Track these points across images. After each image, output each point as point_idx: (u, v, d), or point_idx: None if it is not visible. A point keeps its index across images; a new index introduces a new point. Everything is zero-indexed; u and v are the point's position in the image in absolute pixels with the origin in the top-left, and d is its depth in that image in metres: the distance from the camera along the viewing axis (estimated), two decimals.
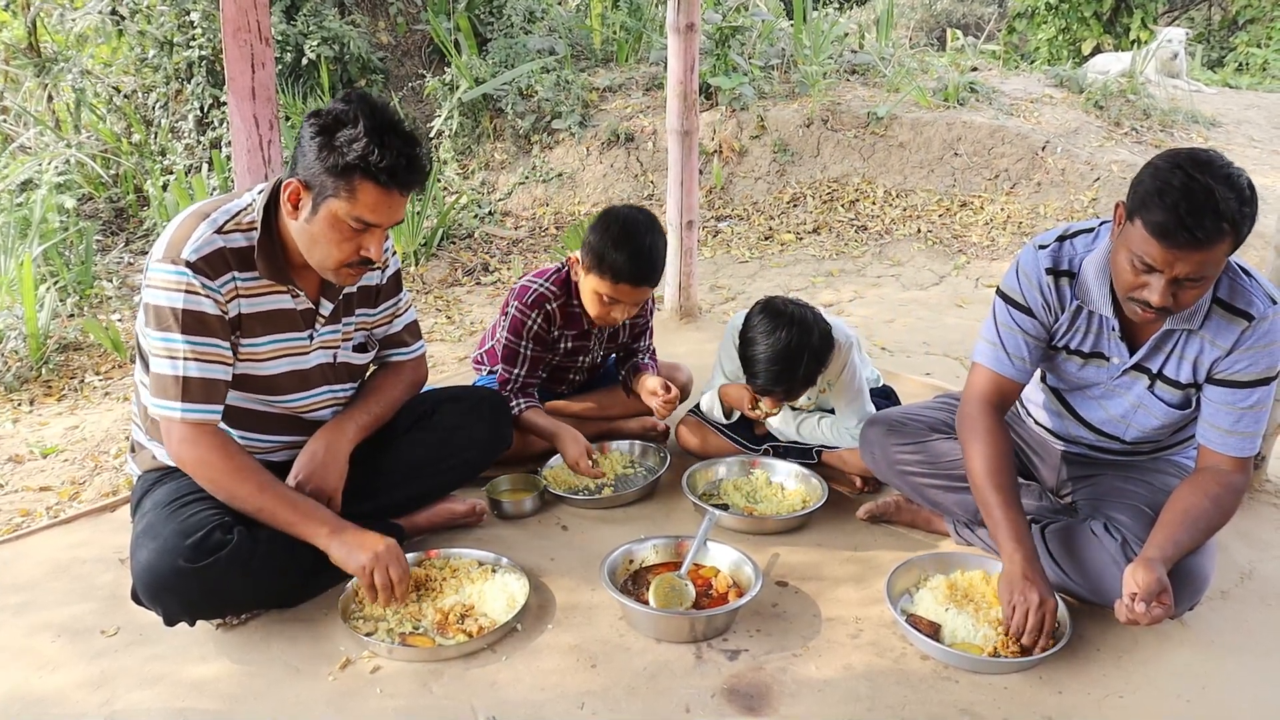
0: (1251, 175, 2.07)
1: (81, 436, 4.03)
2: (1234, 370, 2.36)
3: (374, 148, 2.20)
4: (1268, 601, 2.65)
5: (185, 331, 2.30)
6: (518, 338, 3.22)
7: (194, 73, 7.59)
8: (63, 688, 2.29)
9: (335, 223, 2.28)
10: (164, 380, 2.33)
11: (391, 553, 2.43)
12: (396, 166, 2.23)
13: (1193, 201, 2.04)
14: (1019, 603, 2.34)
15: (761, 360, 2.91)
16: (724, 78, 7.84)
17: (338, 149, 2.21)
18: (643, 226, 3.03)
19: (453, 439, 2.88)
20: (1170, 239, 2.07)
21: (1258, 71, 12.73)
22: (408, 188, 2.31)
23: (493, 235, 7.07)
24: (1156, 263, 2.12)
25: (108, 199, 7.44)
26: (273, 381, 2.52)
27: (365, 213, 2.27)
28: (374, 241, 2.34)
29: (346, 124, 2.22)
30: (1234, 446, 2.40)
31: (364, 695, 2.26)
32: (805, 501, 3.10)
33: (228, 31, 3.01)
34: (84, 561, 2.82)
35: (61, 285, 5.59)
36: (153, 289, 2.31)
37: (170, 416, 2.34)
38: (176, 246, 2.30)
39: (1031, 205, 7.19)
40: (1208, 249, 2.07)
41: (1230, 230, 2.06)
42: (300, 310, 2.51)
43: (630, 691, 2.28)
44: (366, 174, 2.22)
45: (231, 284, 2.36)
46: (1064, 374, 2.63)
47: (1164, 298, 2.15)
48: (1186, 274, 2.11)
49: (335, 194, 2.25)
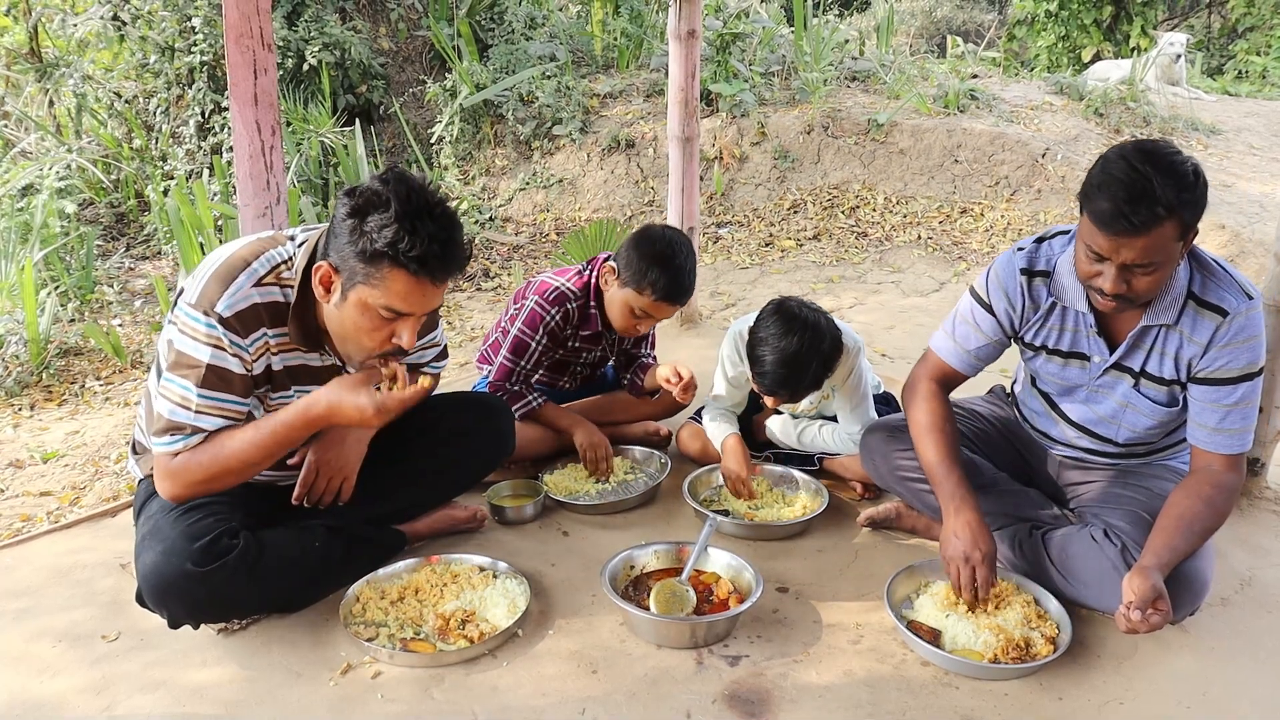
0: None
1: (82, 441, 4.03)
2: (1215, 367, 2.38)
3: (404, 234, 2.08)
4: (1268, 608, 2.65)
5: (203, 386, 2.23)
6: (532, 331, 3.24)
7: (195, 78, 7.60)
8: (63, 693, 2.29)
9: (365, 310, 2.19)
10: (172, 425, 2.27)
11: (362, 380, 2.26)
12: (428, 255, 2.11)
13: (1131, 191, 2.12)
14: (948, 560, 2.47)
15: (769, 363, 2.91)
16: (725, 84, 7.86)
17: (368, 234, 2.10)
18: (683, 248, 3.13)
19: (455, 446, 2.88)
20: (1110, 227, 2.15)
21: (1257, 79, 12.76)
22: (442, 276, 2.18)
23: (493, 241, 7.08)
24: (1104, 251, 2.21)
25: (109, 204, 7.45)
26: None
27: (396, 302, 2.16)
28: (407, 329, 2.23)
29: (378, 207, 2.11)
30: (1223, 444, 2.42)
31: (365, 700, 2.26)
32: (806, 508, 3.10)
33: (230, 37, 3.01)
34: (84, 566, 2.82)
35: (62, 290, 5.59)
36: (180, 334, 2.25)
37: (167, 452, 2.29)
38: (211, 297, 2.22)
39: (1032, 212, 7.19)
40: (1147, 235, 2.13)
41: (1169, 216, 2.12)
42: (326, 366, 2.47)
43: (631, 697, 2.28)
44: (396, 262, 2.10)
45: (263, 340, 2.30)
46: (1048, 376, 2.67)
47: (1116, 285, 2.23)
48: (1133, 260, 2.18)
49: (365, 281, 2.15)
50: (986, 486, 2.75)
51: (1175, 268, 2.28)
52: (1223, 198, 6.99)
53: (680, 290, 3.11)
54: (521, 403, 3.29)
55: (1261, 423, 3.10)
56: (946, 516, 2.52)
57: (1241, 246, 6.26)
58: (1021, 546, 2.63)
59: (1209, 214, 6.47)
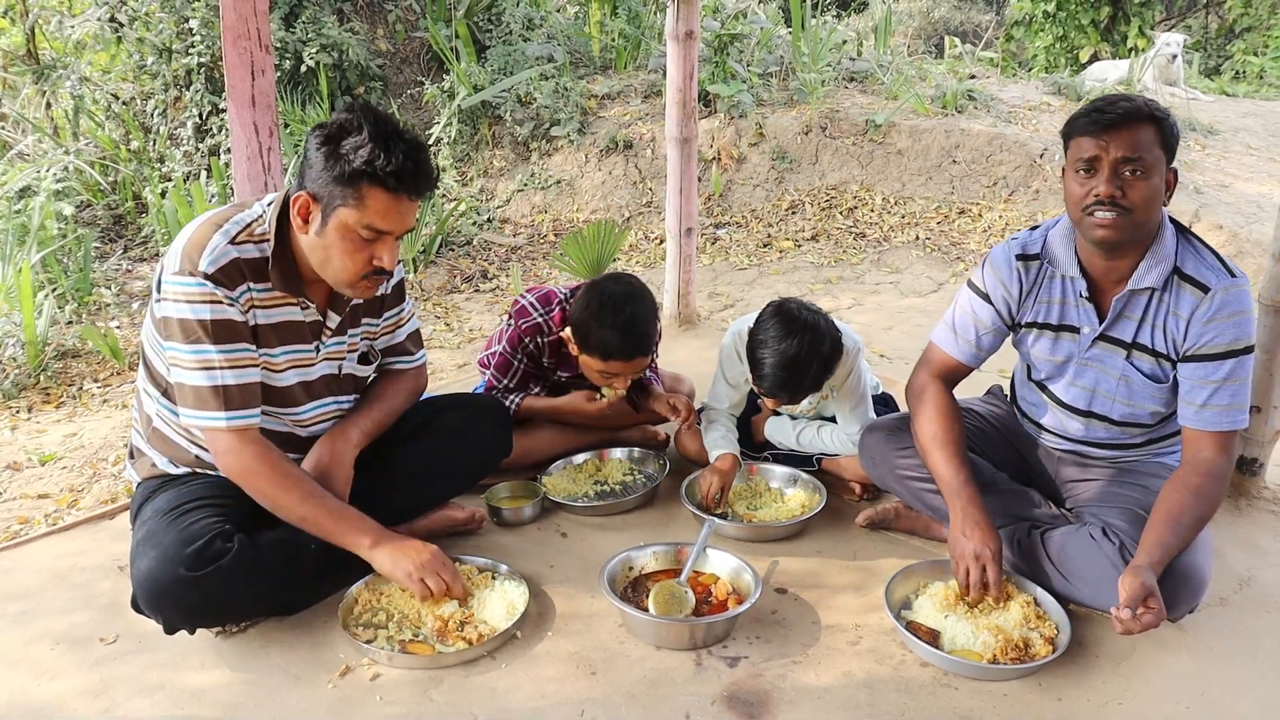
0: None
1: (80, 444, 4.03)
2: (1201, 344, 2.43)
3: (380, 153, 2.20)
4: (1266, 608, 2.65)
5: (217, 341, 2.30)
6: (513, 350, 3.26)
7: (193, 80, 7.59)
8: (62, 696, 2.29)
9: (346, 232, 2.28)
10: (201, 392, 2.32)
11: (438, 559, 2.48)
12: (403, 170, 2.23)
13: (1106, 98, 2.38)
14: (957, 559, 2.49)
15: (770, 365, 2.91)
16: (723, 85, 7.86)
17: (344, 157, 2.21)
18: (625, 298, 3.01)
19: (452, 446, 2.88)
20: (1093, 125, 2.33)
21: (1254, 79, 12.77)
22: (416, 192, 2.30)
23: (491, 242, 7.08)
24: (1094, 151, 2.34)
25: (106, 206, 7.44)
26: (279, 394, 2.52)
27: (375, 219, 2.26)
28: (386, 250, 2.33)
29: (351, 132, 2.23)
30: (1210, 420, 2.44)
31: (364, 703, 2.26)
32: (804, 508, 3.10)
33: (227, 39, 3.01)
34: (83, 569, 2.82)
35: (60, 292, 5.58)
36: (174, 303, 2.29)
37: (215, 427, 2.35)
38: (192, 258, 2.29)
39: (1030, 213, 7.19)
40: (1131, 127, 2.31)
41: (1148, 119, 2.32)
42: (309, 322, 2.51)
43: (630, 699, 2.28)
44: (374, 179, 2.22)
45: (247, 294, 2.36)
46: (1040, 357, 2.70)
47: (1110, 185, 2.33)
48: (1123, 154, 2.30)
49: (344, 203, 2.24)
50: (985, 486, 2.75)
51: (1162, 198, 2.39)
52: (1220, 198, 6.99)
53: (629, 345, 3.00)
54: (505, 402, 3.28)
55: (1259, 423, 3.11)
56: (954, 516, 2.53)
57: (1239, 247, 6.26)
58: (1020, 546, 2.64)
59: (1207, 214, 6.52)
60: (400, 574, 2.43)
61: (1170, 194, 2.41)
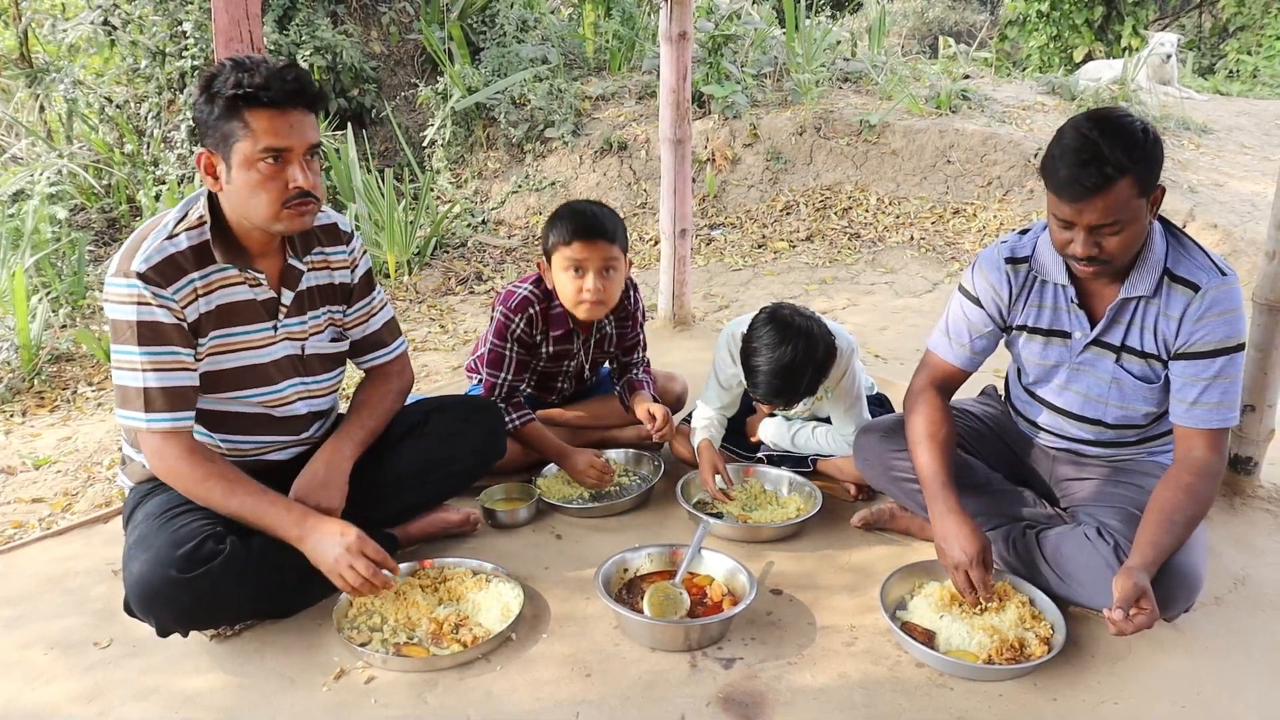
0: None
1: (74, 448, 4.02)
2: (1192, 342, 2.43)
3: (244, 74, 2.23)
4: (1261, 607, 2.66)
5: (141, 343, 2.31)
6: (502, 341, 3.22)
7: (186, 83, 7.58)
8: (56, 701, 2.29)
9: (250, 165, 2.28)
10: (126, 392, 2.35)
11: (354, 548, 2.36)
12: (271, 82, 2.24)
13: (1080, 155, 2.23)
14: (946, 565, 2.48)
15: (764, 373, 2.91)
16: (717, 86, 7.85)
17: (217, 94, 2.24)
18: (583, 202, 3.20)
19: (446, 448, 2.87)
20: (1067, 192, 2.26)
21: (1248, 79, 12.79)
22: (297, 100, 2.29)
23: (486, 244, 7.07)
24: (1068, 217, 2.30)
25: (100, 209, 7.42)
26: (241, 375, 2.51)
27: (268, 139, 2.26)
28: (298, 170, 2.32)
29: (218, 73, 2.27)
30: (1201, 418, 2.45)
31: (359, 706, 2.26)
32: (799, 510, 3.10)
33: (220, 42, 3.01)
34: (77, 573, 2.81)
35: (54, 296, 5.57)
36: (109, 303, 2.33)
37: (137, 427, 2.36)
38: (128, 259, 2.32)
39: (1024, 212, 7.20)
40: (1103, 195, 2.23)
41: (1120, 176, 2.21)
42: (262, 301, 2.51)
43: (625, 700, 2.28)
44: (249, 100, 2.23)
45: (189, 287, 2.36)
46: (1031, 360, 2.70)
47: (1087, 248, 2.31)
48: (1096, 221, 2.27)
49: (235, 137, 2.26)
50: (980, 486, 2.76)
51: (1145, 228, 2.36)
52: (1215, 197, 7.00)
53: (588, 223, 3.06)
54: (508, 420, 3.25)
55: (1254, 421, 3.11)
56: (934, 520, 2.53)
57: (1234, 245, 6.27)
58: (1015, 546, 2.64)
59: (1202, 213, 6.53)
60: (325, 568, 2.38)
61: (1156, 209, 2.38)
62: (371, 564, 2.37)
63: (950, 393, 2.80)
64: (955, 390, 2.81)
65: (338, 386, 2.79)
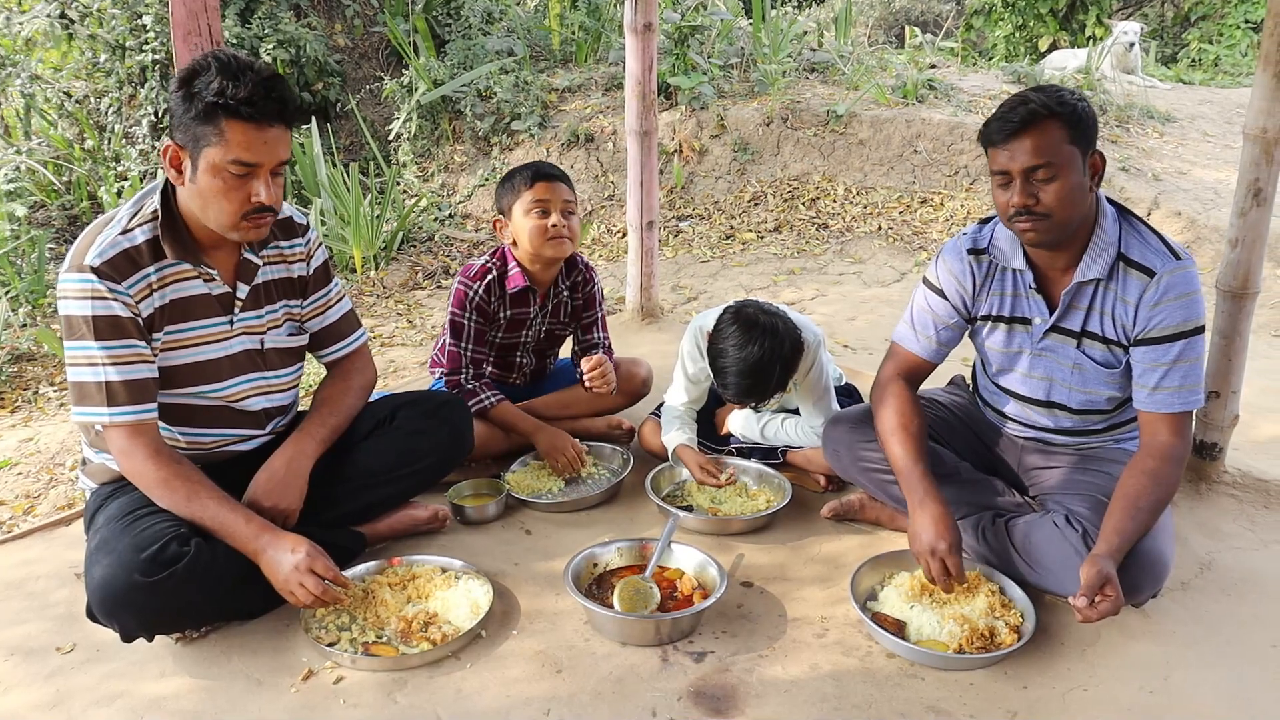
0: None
1: (36, 449, 3.96)
2: (1150, 327, 2.45)
3: (229, 83, 2.19)
4: (1227, 591, 2.68)
5: (99, 337, 2.29)
6: (461, 310, 3.27)
7: (147, 77, 7.48)
8: (16, 709, 2.25)
9: (217, 172, 2.26)
10: (86, 388, 2.32)
11: (304, 564, 2.33)
12: (255, 97, 2.21)
13: (1007, 105, 2.38)
14: (917, 553, 2.49)
15: (732, 373, 2.91)
16: (683, 77, 7.84)
17: (197, 95, 2.21)
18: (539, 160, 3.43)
19: (413, 444, 2.85)
20: (998, 135, 2.37)
21: (1210, 67, 12.90)
22: (276, 119, 2.27)
23: (453, 238, 7.03)
24: (1002, 166, 2.38)
25: (60, 206, 7.31)
26: (198, 370, 2.48)
27: (240, 152, 2.24)
28: (263, 185, 2.30)
29: (202, 72, 2.22)
30: (1163, 402, 2.47)
31: (327, 707, 2.24)
32: (769, 502, 3.10)
33: (178, 36, 2.96)
34: (38, 578, 2.77)
35: (13, 295, 5.49)
36: (63, 299, 2.31)
37: (100, 423, 2.33)
38: (81, 254, 2.29)
39: (991, 201, 7.23)
40: (1030, 132, 2.32)
41: (1048, 116, 2.31)
42: (217, 295, 2.49)
43: (596, 696, 2.27)
44: (229, 111, 2.21)
45: (143, 281, 2.34)
46: (994, 350, 2.72)
47: (1024, 196, 2.36)
48: (1029, 163, 2.33)
49: (208, 142, 2.23)
50: (949, 475, 2.77)
51: (1086, 191, 2.40)
52: (1178, 185, 7.06)
53: (544, 169, 3.25)
54: (474, 400, 3.27)
55: (1218, 408, 3.13)
56: (911, 511, 2.53)
57: (1198, 233, 6.33)
58: (985, 535, 2.65)
59: (1166, 201, 6.58)
60: (277, 585, 2.35)
61: (1098, 179, 2.43)
62: (320, 580, 2.34)
63: (917, 384, 2.81)
64: (922, 381, 2.82)
65: (297, 382, 2.76)
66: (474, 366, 3.31)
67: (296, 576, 2.32)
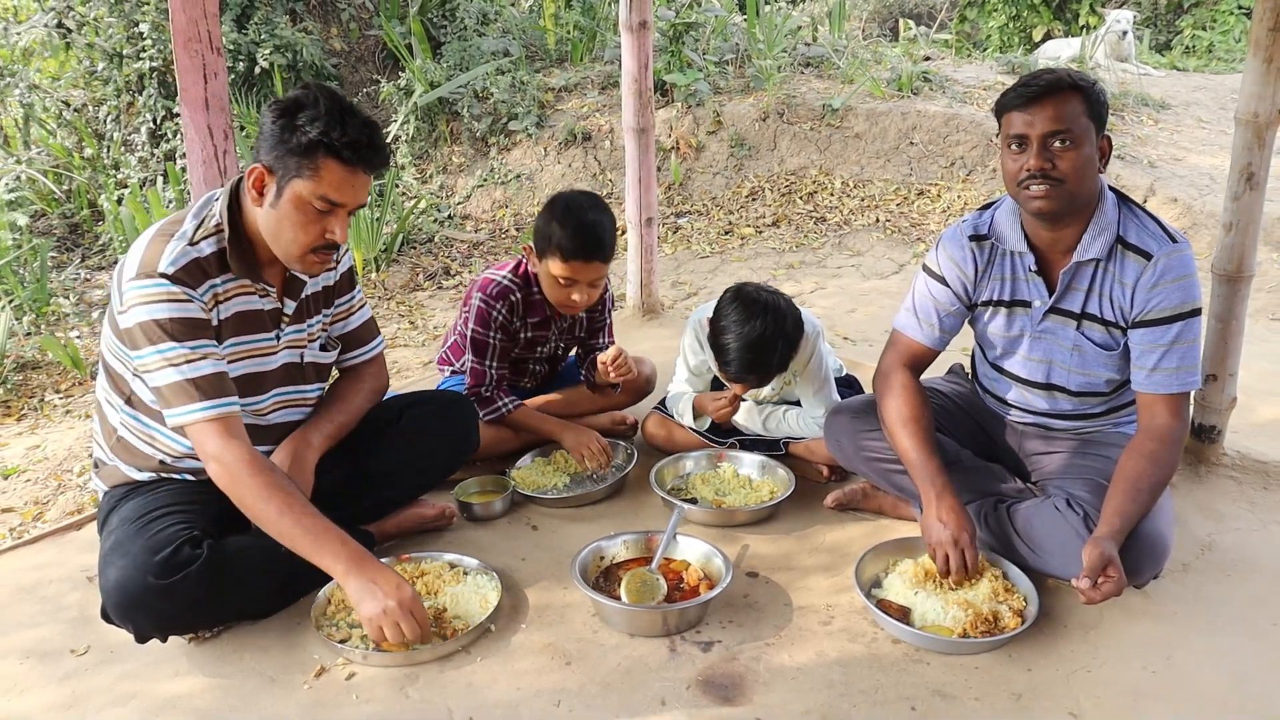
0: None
1: (43, 456, 3.99)
2: (1148, 310, 2.48)
3: (335, 125, 2.23)
4: (1227, 573, 2.70)
5: (179, 339, 2.28)
6: (485, 329, 3.24)
7: (145, 84, 7.51)
8: (31, 711, 2.28)
9: (300, 204, 2.29)
10: (174, 389, 2.29)
11: (405, 606, 2.28)
12: (358, 143, 2.26)
13: (1031, 75, 2.43)
14: (936, 545, 2.49)
15: (734, 349, 2.93)
16: (679, 74, 7.85)
17: (300, 129, 2.24)
18: (586, 204, 3.10)
19: (420, 443, 2.88)
20: (1019, 99, 2.40)
21: (1204, 54, 12.89)
22: (370, 166, 2.33)
23: (453, 239, 7.05)
24: (1021, 129, 2.41)
25: (61, 215, 7.34)
26: (247, 383, 2.50)
27: (330, 191, 2.28)
28: (339, 223, 2.34)
29: (307, 106, 2.26)
30: (1160, 383, 2.50)
31: (340, 703, 2.26)
32: (773, 492, 3.12)
33: (178, 42, 2.99)
34: (50, 581, 2.79)
35: (17, 304, 5.51)
36: (135, 307, 2.28)
37: (194, 420, 2.30)
38: (151, 263, 2.29)
39: (988, 191, 7.25)
40: (1055, 99, 2.37)
41: (1072, 89, 2.38)
42: (268, 310, 2.52)
43: (605, 687, 2.29)
44: (330, 151, 2.24)
45: (211, 292, 2.37)
46: (995, 335, 2.74)
47: (1040, 160, 2.38)
48: (1049, 128, 2.37)
49: (299, 174, 2.26)
50: (951, 463, 2.78)
51: (1096, 168, 2.44)
52: (1174, 171, 7.07)
53: (588, 244, 3.03)
54: (492, 408, 3.28)
55: (1216, 391, 3.15)
56: (927, 503, 2.55)
57: (1194, 219, 6.34)
58: (987, 520, 2.67)
59: (1162, 187, 6.60)
60: (363, 611, 2.27)
61: (1105, 161, 2.47)
62: (416, 626, 2.30)
63: (920, 372, 2.82)
64: (925, 369, 2.84)
65: (319, 399, 2.79)
66: (496, 383, 3.32)
67: (397, 615, 2.27)
